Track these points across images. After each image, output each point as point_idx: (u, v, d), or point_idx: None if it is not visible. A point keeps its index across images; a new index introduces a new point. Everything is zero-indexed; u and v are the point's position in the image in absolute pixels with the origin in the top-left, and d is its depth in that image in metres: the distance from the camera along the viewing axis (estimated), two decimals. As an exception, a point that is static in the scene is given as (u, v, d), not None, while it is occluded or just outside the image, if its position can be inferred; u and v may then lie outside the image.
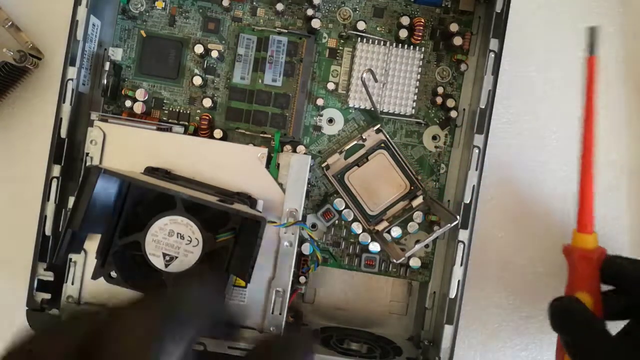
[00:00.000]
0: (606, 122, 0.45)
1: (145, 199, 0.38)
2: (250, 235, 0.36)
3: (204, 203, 0.34)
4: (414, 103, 0.43)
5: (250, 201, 0.38)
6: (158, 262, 0.36)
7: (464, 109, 0.43)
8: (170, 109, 0.44)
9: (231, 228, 0.37)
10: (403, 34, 0.42)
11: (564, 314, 0.35)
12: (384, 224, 0.43)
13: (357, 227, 0.43)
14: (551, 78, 0.44)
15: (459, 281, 0.40)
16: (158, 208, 0.36)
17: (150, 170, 0.39)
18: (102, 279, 0.37)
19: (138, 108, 0.42)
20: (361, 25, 0.43)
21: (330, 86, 0.43)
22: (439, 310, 0.42)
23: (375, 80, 0.40)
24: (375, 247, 0.43)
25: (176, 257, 0.36)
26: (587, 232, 0.38)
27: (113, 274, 0.37)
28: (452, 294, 0.40)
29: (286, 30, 0.43)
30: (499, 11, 0.40)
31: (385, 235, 0.43)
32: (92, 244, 0.39)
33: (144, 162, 0.40)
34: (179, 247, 0.36)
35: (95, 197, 0.34)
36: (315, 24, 0.42)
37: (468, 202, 0.40)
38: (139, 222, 0.37)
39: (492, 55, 0.40)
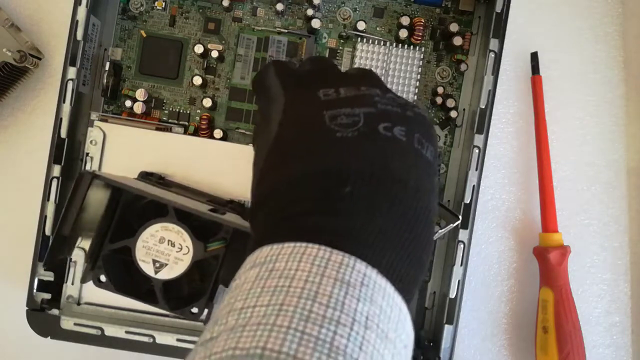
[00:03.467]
0: (606, 122, 0.45)
1: (138, 204, 0.38)
2: (240, 245, 0.36)
3: (194, 213, 0.34)
4: (414, 103, 0.43)
5: (244, 210, 0.38)
6: (148, 269, 0.36)
7: (464, 109, 0.43)
8: (170, 109, 0.44)
9: (222, 237, 0.37)
10: (403, 34, 0.42)
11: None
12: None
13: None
14: (550, 78, 0.44)
15: (459, 281, 0.40)
16: (150, 213, 0.36)
17: (145, 175, 0.39)
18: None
19: (138, 108, 0.42)
20: (361, 25, 0.43)
21: (330, 86, 0.43)
22: (439, 310, 0.42)
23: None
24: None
25: (166, 265, 0.36)
26: (550, 232, 0.42)
27: (102, 277, 0.37)
28: (452, 294, 0.40)
29: (286, 31, 0.43)
30: (499, 11, 0.40)
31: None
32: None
33: (144, 162, 0.40)
34: (169, 254, 0.36)
35: (87, 202, 0.34)
36: (315, 24, 0.42)
37: (468, 202, 0.40)
38: (131, 227, 0.36)
39: (492, 55, 0.40)
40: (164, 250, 0.36)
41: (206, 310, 0.36)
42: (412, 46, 0.43)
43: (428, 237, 0.25)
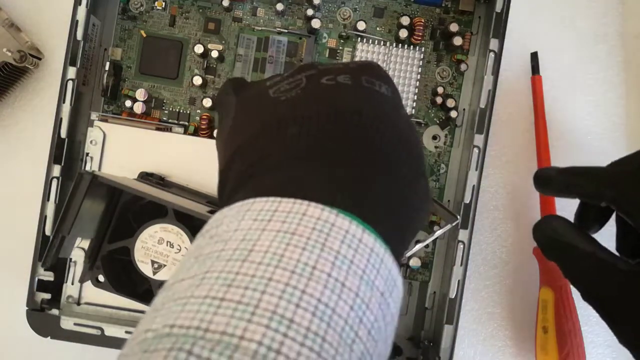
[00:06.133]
0: (606, 122, 0.45)
1: (137, 205, 0.38)
2: None
3: (194, 214, 0.34)
4: (414, 103, 0.43)
5: None
6: (146, 269, 0.36)
7: (464, 109, 0.43)
8: (170, 109, 0.44)
9: None
10: (403, 34, 0.42)
11: (549, 245, 0.30)
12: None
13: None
14: (550, 78, 0.44)
15: (459, 281, 0.40)
16: (149, 214, 0.36)
17: (144, 176, 0.39)
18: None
19: (138, 108, 0.42)
20: (361, 25, 0.43)
21: (330, 86, 0.43)
22: (439, 310, 0.42)
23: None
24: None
25: (164, 266, 0.36)
26: None
27: (101, 277, 0.37)
28: (452, 294, 0.40)
29: (286, 30, 0.43)
30: (499, 11, 0.40)
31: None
32: (92, 244, 0.39)
33: (144, 162, 0.40)
34: (168, 255, 0.36)
35: (86, 202, 0.34)
36: (315, 24, 0.42)
37: (468, 202, 0.40)
38: (130, 228, 0.36)
39: (492, 55, 0.40)
40: (163, 251, 0.36)
41: None
42: (412, 46, 0.43)
43: (405, 167, 0.22)
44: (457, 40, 0.42)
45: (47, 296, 0.40)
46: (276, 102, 0.23)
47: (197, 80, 0.43)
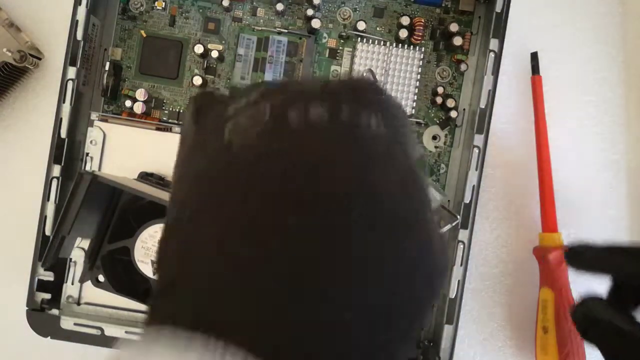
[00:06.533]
0: (606, 122, 0.45)
1: (137, 205, 0.38)
2: None
3: None
4: (414, 103, 0.43)
5: None
6: (146, 270, 0.36)
7: (464, 109, 0.43)
8: (170, 109, 0.44)
9: None
10: (403, 34, 0.42)
11: (588, 326, 0.29)
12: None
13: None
14: (550, 78, 0.44)
15: (459, 281, 0.40)
16: (149, 214, 0.36)
17: (144, 176, 0.39)
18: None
19: (138, 108, 0.42)
20: (361, 25, 0.43)
21: (330, 86, 0.43)
22: (439, 310, 0.42)
23: (376, 81, 0.40)
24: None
25: None
26: (550, 232, 0.42)
27: (101, 277, 0.37)
28: (452, 294, 0.40)
29: (286, 30, 0.43)
30: (499, 11, 0.40)
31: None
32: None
33: (144, 162, 0.40)
34: None
35: (86, 202, 0.34)
36: (315, 24, 0.42)
37: (468, 202, 0.40)
38: (130, 228, 0.36)
39: (492, 55, 0.40)
40: None
41: None
42: (412, 46, 0.43)
43: (407, 241, 0.16)
44: (457, 40, 0.42)
45: (47, 296, 0.40)
46: (224, 152, 0.17)
47: (197, 80, 0.43)
